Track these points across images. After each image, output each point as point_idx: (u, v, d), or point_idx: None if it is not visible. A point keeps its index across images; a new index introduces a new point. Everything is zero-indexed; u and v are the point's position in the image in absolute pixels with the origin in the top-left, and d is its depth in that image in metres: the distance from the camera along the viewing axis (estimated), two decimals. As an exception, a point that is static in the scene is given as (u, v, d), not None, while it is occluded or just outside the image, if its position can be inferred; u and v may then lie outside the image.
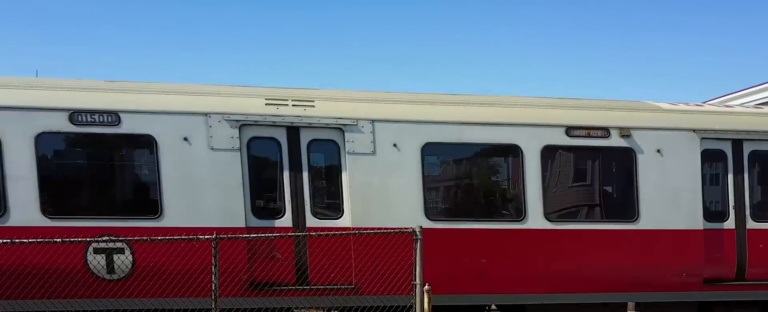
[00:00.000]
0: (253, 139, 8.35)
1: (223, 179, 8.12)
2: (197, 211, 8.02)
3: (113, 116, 7.90)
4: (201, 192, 8.08)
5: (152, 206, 8.08)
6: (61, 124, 7.79)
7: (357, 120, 8.44)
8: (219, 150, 8.11)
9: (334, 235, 7.98)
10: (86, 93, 8.12)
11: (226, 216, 8.06)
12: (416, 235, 7.71)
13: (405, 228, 7.83)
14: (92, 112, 7.86)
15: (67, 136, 8.03)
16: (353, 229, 8.11)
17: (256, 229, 8.14)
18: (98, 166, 8.66)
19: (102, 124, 7.90)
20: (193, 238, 7.35)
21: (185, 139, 8.02)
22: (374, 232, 7.97)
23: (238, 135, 8.16)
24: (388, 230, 7.93)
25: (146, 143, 8.14)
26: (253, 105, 8.43)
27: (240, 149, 8.20)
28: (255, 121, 8.28)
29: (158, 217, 8.02)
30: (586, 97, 10.14)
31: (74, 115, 7.81)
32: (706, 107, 10.80)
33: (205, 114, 8.10)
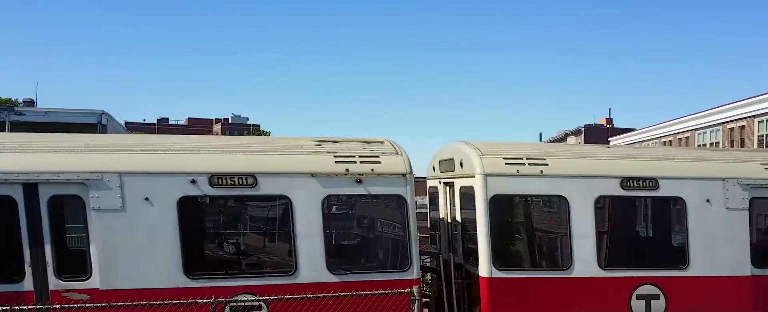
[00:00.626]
0: (752, 199, 9.70)
1: (734, 234, 9.47)
2: (714, 263, 9.36)
3: (653, 182, 9.26)
4: (717, 246, 9.41)
5: (681, 258, 9.40)
6: (613, 188, 9.16)
7: None
8: (733, 210, 9.49)
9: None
10: (633, 162, 9.52)
11: (736, 266, 9.42)
12: (414, 296, 7.61)
13: (401, 289, 7.71)
14: (638, 178, 9.23)
15: (618, 198, 9.35)
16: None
17: (755, 278, 9.47)
18: (639, 224, 10.19)
19: (645, 188, 9.27)
20: (212, 302, 7.02)
21: (707, 200, 9.39)
22: (377, 293, 7.64)
23: (747, 196, 9.55)
24: (386, 291, 7.76)
25: (678, 204, 9.52)
26: (756, 170, 9.85)
27: (747, 208, 9.57)
28: (761, 184, 9.70)
29: (686, 267, 9.31)
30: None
31: (625, 181, 9.18)
32: None
33: (723, 179, 9.51)
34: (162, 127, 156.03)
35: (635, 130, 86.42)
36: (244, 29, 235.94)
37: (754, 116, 43.48)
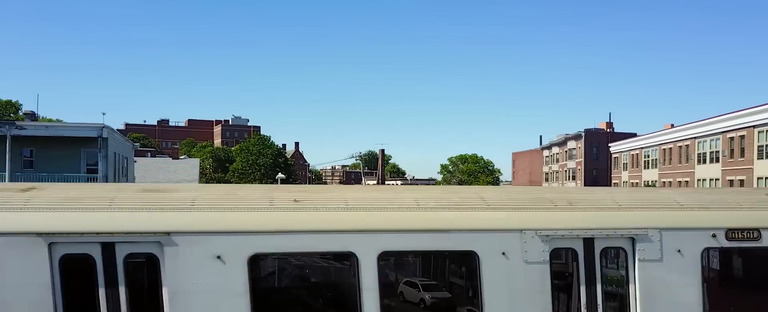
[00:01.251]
0: None
1: None
2: None
3: None
4: None
5: None
6: None
7: None
8: None
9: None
10: None
11: None
12: None
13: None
14: None
15: None
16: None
17: None
18: None
19: None
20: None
21: None
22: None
23: None
24: None
25: None
26: None
27: None
28: None
29: None
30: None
31: None
32: None
33: None
34: (162, 128, 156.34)
35: (635, 135, 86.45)
36: (245, 31, 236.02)
37: (754, 126, 43.54)
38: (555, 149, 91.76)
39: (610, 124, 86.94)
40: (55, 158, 35.43)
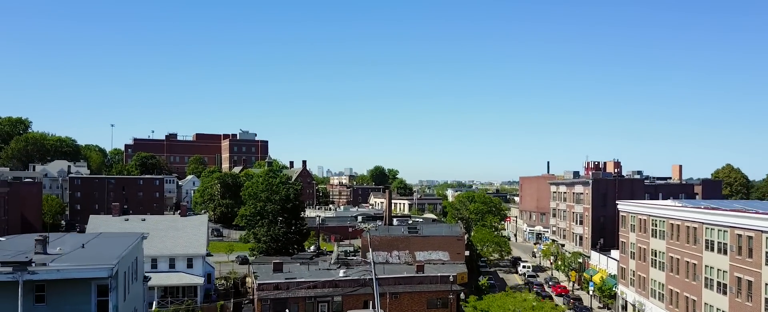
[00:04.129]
0: None
1: None
2: None
3: None
4: None
5: None
6: None
7: None
8: None
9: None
10: None
11: None
12: None
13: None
14: None
15: None
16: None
17: None
18: None
19: None
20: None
21: None
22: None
23: None
24: None
25: None
26: None
27: None
28: None
29: None
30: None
31: None
32: None
33: None
34: (170, 143, 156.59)
35: (642, 174, 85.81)
36: (252, 46, 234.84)
37: (762, 231, 43.29)
38: (563, 188, 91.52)
39: (617, 164, 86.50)
40: (67, 294, 35.90)
